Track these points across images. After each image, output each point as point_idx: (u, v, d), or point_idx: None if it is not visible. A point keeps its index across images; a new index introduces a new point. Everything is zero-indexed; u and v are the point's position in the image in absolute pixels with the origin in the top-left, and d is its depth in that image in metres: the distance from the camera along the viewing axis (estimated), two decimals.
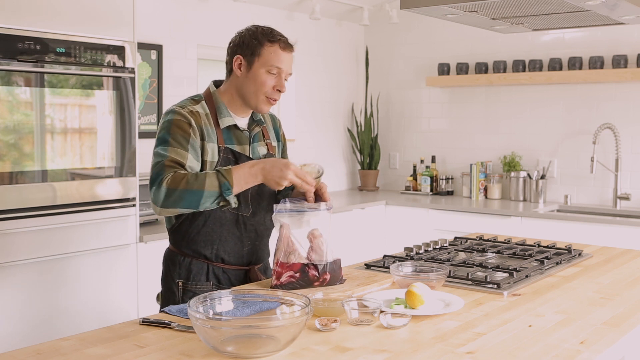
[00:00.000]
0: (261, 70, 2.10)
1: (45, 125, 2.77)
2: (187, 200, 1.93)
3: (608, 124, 4.22)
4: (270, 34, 2.12)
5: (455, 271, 2.17)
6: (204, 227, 2.09)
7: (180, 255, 2.14)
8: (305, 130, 4.98)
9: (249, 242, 2.17)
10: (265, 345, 1.43)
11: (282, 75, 2.12)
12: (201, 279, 2.12)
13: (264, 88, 2.10)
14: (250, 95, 2.13)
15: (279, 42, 2.11)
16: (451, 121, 5.02)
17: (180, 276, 2.13)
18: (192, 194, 1.93)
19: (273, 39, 2.11)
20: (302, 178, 1.98)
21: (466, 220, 4.30)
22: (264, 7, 4.54)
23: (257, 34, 2.12)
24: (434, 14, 2.72)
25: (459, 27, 4.75)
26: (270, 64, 2.09)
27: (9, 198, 2.66)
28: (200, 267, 2.12)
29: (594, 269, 2.38)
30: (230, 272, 2.14)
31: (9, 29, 2.63)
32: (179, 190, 1.93)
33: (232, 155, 2.11)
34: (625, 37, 4.26)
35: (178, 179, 1.94)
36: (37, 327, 2.78)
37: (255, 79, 2.10)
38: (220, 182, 1.93)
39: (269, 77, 2.10)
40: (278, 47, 2.10)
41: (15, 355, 1.46)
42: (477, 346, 1.52)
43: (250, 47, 2.11)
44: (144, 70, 3.83)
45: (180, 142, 2.02)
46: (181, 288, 2.12)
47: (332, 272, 2.01)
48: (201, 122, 2.08)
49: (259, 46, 2.10)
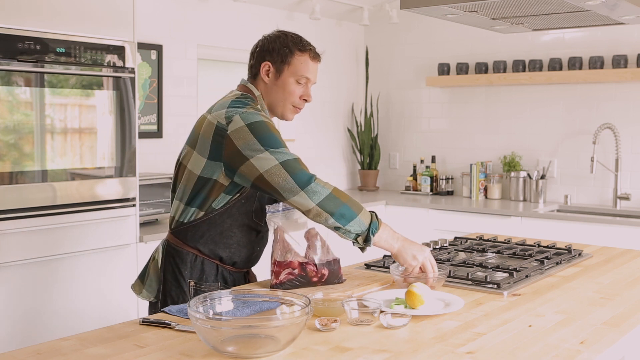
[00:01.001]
0: (290, 79, 2.10)
1: (45, 125, 2.77)
2: (341, 210, 1.92)
3: (608, 124, 4.22)
4: (300, 43, 2.12)
5: (455, 271, 2.17)
6: (228, 230, 2.07)
7: (192, 254, 2.08)
8: (305, 130, 4.98)
9: (258, 248, 2.18)
10: (265, 345, 1.43)
11: (309, 85, 2.13)
12: (209, 279, 2.10)
13: (292, 97, 2.11)
14: (277, 103, 2.12)
15: (309, 52, 2.12)
16: (451, 121, 5.02)
17: (192, 276, 2.09)
18: (349, 210, 1.93)
19: (304, 49, 2.11)
20: (432, 266, 2.02)
21: (466, 220, 4.30)
22: (264, 7, 4.54)
23: (287, 42, 2.11)
24: (434, 14, 2.72)
25: (459, 27, 4.75)
26: (300, 73, 2.10)
27: (9, 198, 2.66)
28: (212, 268, 2.09)
29: (594, 269, 2.38)
30: (235, 273, 2.15)
31: (9, 29, 2.63)
32: (341, 201, 1.93)
33: None
34: (625, 37, 4.26)
35: (341, 192, 1.96)
36: (37, 327, 2.78)
37: (284, 87, 2.10)
38: (372, 221, 1.96)
39: (298, 86, 2.11)
40: (308, 57, 2.11)
41: (15, 355, 1.46)
42: (477, 346, 1.52)
43: (281, 54, 2.10)
44: (144, 70, 3.83)
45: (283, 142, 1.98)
46: (193, 288, 2.09)
47: (330, 268, 2.02)
48: None
49: (289, 55, 2.10)
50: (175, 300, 2.11)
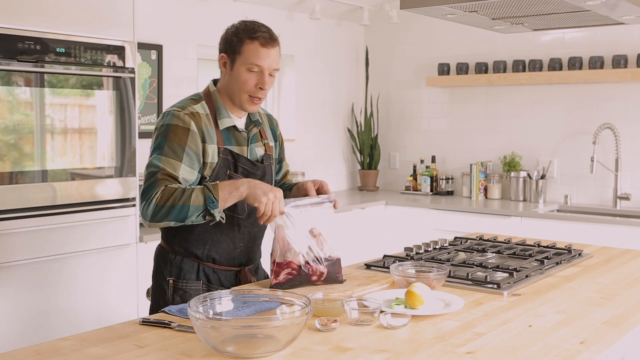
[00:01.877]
0: (242, 69, 2.06)
1: (45, 125, 2.77)
2: (173, 215, 1.93)
3: (608, 124, 4.22)
4: (251, 30, 2.06)
5: (455, 271, 2.17)
6: (198, 227, 2.07)
7: (172, 253, 2.12)
8: (305, 130, 4.98)
9: (241, 243, 2.15)
10: (265, 345, 1.43)
11: (265, 72, 2.07)
12: (191, 278, 2.11)
13: (245, 87, 2.06)
14: (234, 94, 2.10)
15: (258, 38, 2.05)
16: (451, 121, 5.02)
17: (171, 274, 2.12)
18: (179, 208, 1.92)
19: (253, 36, 2.05)
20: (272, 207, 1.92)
21: (466, 220, 4.30)
22: (264, 7, 4.54)
23: (239, 31, 2.07)
24: (434, 14, 2.72)
25: (459, 27, 4.75)
26: (250, 61, 2.05)
27: (9, 198, 2.66)
28: (191, 266, 2.11)
29: (594, 269, 2.38)
30: (220, 272, 2.13)
31: (9, 29, 2.63)
32: (166, 206, 1.93)
33: (231, 157, 2.09)
34: (625, 37, 4.26)
35: (166, 195, 1.93)
36: (37, 327, 2.78)
37: (238, 77, 2.07)
38: (205, 196, 1.92)
39: (250, 75, 2.06)
40: (258, 44, 2.05)
41: (15, 355, 1.46)
42: (477, 346, 1.53)
43: (232, 45, 2.07)
44: (144, 70, 3.83)
45: (176, 151, 1.99)
46: (172, 286, 2.11)
47: (329, 268, 2.01)
48: (202, 123, 2.05)
49: (239, 44, 2.06)
50: (157, 299, 2.15)
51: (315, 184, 2.16)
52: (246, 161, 2.12)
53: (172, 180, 1.97)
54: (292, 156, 4.68)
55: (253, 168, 2.14)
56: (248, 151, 2.15)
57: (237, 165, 2.10)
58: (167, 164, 1.98)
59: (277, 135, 2.33)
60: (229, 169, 2.09)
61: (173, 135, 2.01)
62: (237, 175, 2.09)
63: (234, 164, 2.09)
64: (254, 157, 2.17)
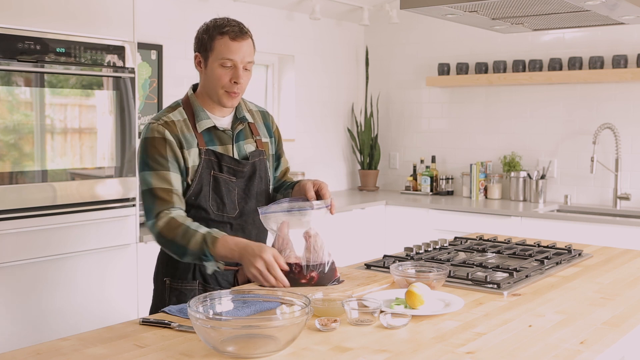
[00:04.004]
0: (215, 65, 2.07)
1: (45, 125, 2.77)
2: (173, 250, 2.00)
3: (608, 124, 4.22)
4: (220, 26, 2.07)
5: (455, 271, 2.17)
6: None
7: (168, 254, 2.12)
8: (305, 130, 4.98)
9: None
10: (265, 345, 1.43)
11: (239, 66, 2.07)
12: (187, 277, 2.11)
13: (220, 82, 2.07)
14: (211, 91, 2.11)
15: (228, 33, 2.06)
16: (451, 121, 5.02)
17: (166, 274, 2.13)
18: (178, 247, 1.97)
19: (222, 31, 2.06)
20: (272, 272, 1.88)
21: (466, 220, 4.30)
22: (264, 7, 4.54)
23: (209, 28, 2.09)
24: (434, 14, 2.72)
25: (459, 27, 4.75)
26: (222, 56, 2.05)
27: (9, 198, 2.66)
28: (187, 266, 2.11)
29: (594, 269, 2.38)
30: (218, 271, 2.12)
31: (9, 29, 2.63)
32: (168, 239, 1.98)
33: (214, 157, 2.09)
34: (625, 37, 4.26)
35: (171, 227, 1.97)
36: (36, 327, 2.78)
37: (212, 74, 2.08)
38: (203, 249, 1.94)
39: (224, 70, 2.06)
40: (228, 38, 2.05)
41: (15, 355, 1.46)
42: (477, 346, 1.52)
43: (204, 43, 2.09)
44: (144, 70, 3.83)
45: (160, 162, 2.03)
46: (168, 286, 2.12)
47: (320, 272, 1.99)
48: (177, 130, 2.06)
49: (210, 41, 2.07)
50: (155, 299, 2.16)
51: (315, 184, 2.15)
52: (230, 160, 2.11)
53: (168, 193, 2.01)
54: (292, 156, 4.68)
55: (239, 166, 2.13)
56: (234, 149, 2.15)
57: (222, 164, 2.10)
58: (157, 178, 2.03)
59: (273, 131, 2.32)
60: (213, 169, 2.09)
61: (152, 148, 2.05)
62: (223, 176, 2.10)
63: (218, 164, 2.09)
64: (242, 154, 2.16)
